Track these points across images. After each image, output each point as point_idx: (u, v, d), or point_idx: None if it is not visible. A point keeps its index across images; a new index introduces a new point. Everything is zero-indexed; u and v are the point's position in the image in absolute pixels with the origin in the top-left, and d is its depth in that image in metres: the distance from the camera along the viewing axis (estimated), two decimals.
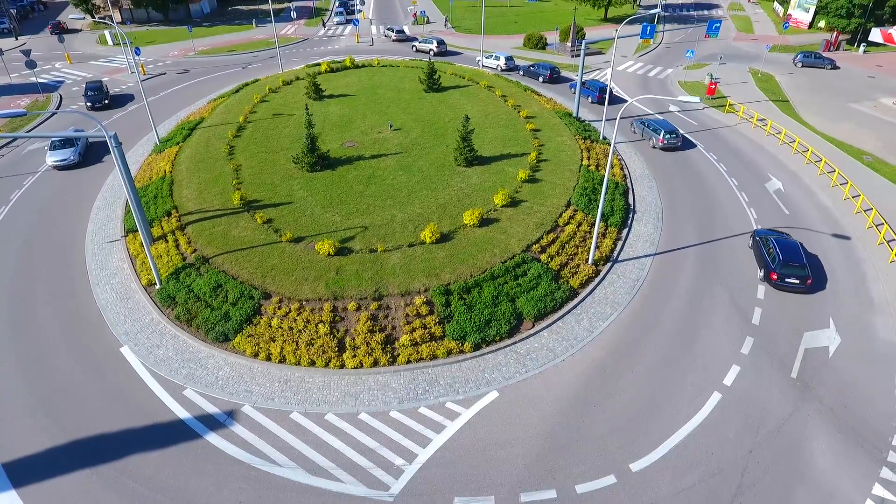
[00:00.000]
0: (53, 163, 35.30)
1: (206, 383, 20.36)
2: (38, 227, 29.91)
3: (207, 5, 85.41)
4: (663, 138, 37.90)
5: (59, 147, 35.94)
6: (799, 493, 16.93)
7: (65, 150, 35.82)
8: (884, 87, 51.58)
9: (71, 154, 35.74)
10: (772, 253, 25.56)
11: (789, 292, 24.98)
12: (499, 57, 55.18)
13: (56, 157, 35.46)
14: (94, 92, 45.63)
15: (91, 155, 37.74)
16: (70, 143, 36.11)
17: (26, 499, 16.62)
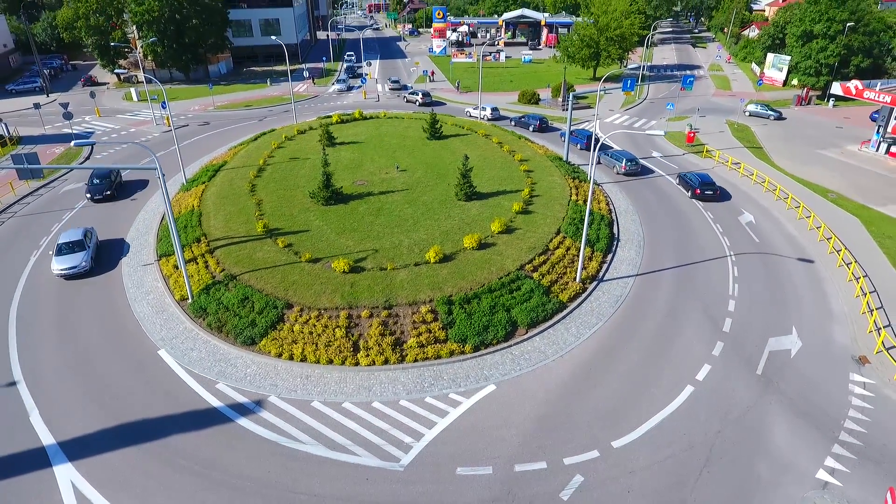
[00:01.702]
0: (61, 271, 29.66)
1: (236, 378, 22.92)
2: None
3: (224, 66, 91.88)
4: (625, 166, 44.35)
5: (66, 252, 30.54)
6: (760, 465, 19.26)
7: (74, 256, 30.41)
8: (850, 136, 55.98)
9: (83, 259, 30.38)
10: (693, 181, 40.30)
11: (707, 201, 39.25)
12: (485, 108, 61.06)
13: (63, 264, 29.88)
14: (99, 181, 40.76)
15: (122, 192, 41.37)
16: (80, 246, 30.91)
17: (80, 469, 18.93)
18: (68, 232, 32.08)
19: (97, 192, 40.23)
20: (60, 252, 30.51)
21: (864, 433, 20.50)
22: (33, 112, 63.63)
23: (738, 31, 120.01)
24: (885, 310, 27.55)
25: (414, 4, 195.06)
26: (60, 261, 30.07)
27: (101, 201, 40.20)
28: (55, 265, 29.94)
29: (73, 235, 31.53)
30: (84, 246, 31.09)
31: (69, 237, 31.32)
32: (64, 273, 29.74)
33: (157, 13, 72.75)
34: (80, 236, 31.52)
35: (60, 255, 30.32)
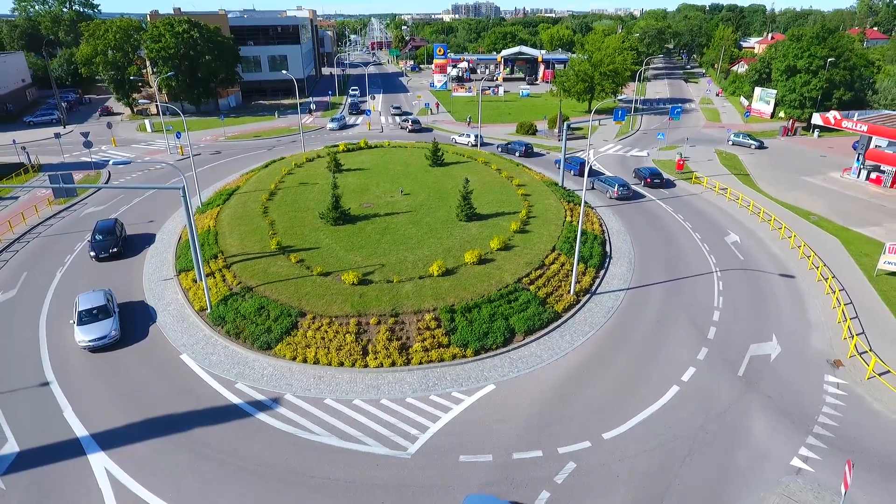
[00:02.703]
0: (88, 343, 26.02)
1: (254, 379, 24.66)
2: (100, 271, 34.99)
3: (234, 99, 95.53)
4: (617, 191, 46.94)
5: (89, 319, 26.84)
6: (739, 454, 20.87)
7: (101, 324, 26.75)
8: (833, 164, 58.58)
9: (111, 327, 26.82)
10: (644, 172, 50.03)
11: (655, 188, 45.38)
12: (469, 135, 65.75)
13: (90, 334, 26.16)
14: (103, 237, 36.05)
15: (143, 215, 43.61)
16: (104, 312, 27.38)
17: (113, 457, 20.54)
18: (86, 296, 28.51)
19: (102, 250, 35.54)
20: (83, 321, 26.64)
21: (837, 427, 22.15)
22: (52, 142, 66.66)
23: (728, 67, 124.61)
24: (859, 319, 29.41)
25: (415, 42, 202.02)
26: (86, 331, 26.24)
27: (106, 260, 35.81)
28: (80, 336, 26.10)
29: (94, 300, 28.01)
30: (109, 311, 27.48)
31: (90, 302, 27.76)
32: (91, 345, 26.09)
33: (172, 50, 76.41)
34: (102, 300, 28.02)
35: (84, 325, 26.46)
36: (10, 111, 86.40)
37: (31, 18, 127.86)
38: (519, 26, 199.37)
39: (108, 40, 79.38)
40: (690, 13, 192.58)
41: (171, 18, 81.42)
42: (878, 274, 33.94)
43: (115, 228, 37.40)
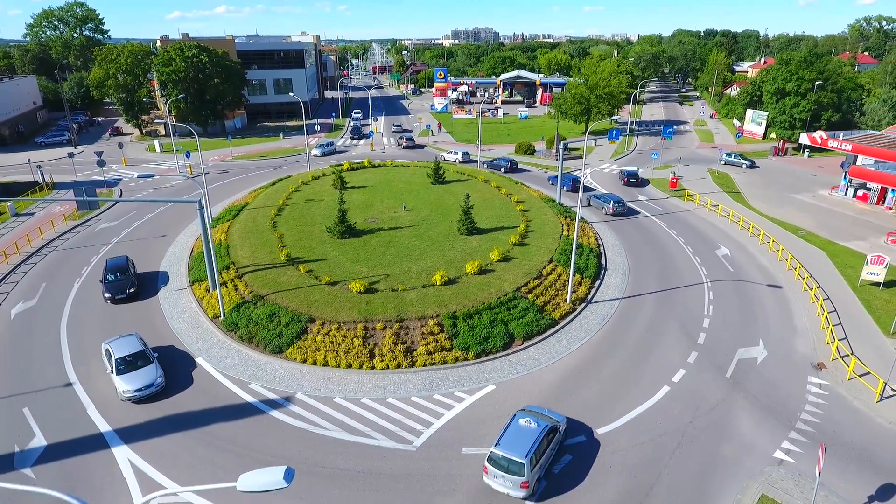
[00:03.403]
0: (134, 394, 24.00)
1: (267, 380, 26.01)
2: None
3: (240, 121, 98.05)
4: (612, 207, 48.83)
5: (128, 368, 24.79)
6: (725, 447, 22.16)
7: (144, 372, 24.73)
8: (822, 182, 60.50)
9: (155, 374, 24.88)
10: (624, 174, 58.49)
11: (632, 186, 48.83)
12: (457, 152, 69.72)
13: (134, 384, 24.18)
14: (115, 276, 33.65)
15: (156, 230, 45.28)
16: (143, 359, 25.39)
17: (135, 450, 21.83)
18: (118, 343, 26.18)
19: (118, 291, 32.84)
20: (121, 370, 24.65)
21: (818, 423, 23.47)
22: (64, 161, 68.89)
23: (722, 90, 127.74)
24: (842, 325, 30.86)
25: (416, 66, 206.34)
26: (129, 380, 24.20)
27: (123, 301, 32.75)
28: (124, 386, 24.00)
29: (128, 346, 25.88)
30: (148, 357, 25.56)
31: (124, 349, 25.54)
32: (137, 395, 24.02)
33: (182, 73, 78.99)
34: (137, 345, 26.01)
35: (124, 374, 24.49)
36: (21, 132, 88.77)
37: (43, 43, 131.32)
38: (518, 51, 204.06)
39: (120, 64, 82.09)
40: (685, 38, 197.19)
41: (181, 43, 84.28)
42: (861, 284, 35.46)
43: (128, 266, 35.18)
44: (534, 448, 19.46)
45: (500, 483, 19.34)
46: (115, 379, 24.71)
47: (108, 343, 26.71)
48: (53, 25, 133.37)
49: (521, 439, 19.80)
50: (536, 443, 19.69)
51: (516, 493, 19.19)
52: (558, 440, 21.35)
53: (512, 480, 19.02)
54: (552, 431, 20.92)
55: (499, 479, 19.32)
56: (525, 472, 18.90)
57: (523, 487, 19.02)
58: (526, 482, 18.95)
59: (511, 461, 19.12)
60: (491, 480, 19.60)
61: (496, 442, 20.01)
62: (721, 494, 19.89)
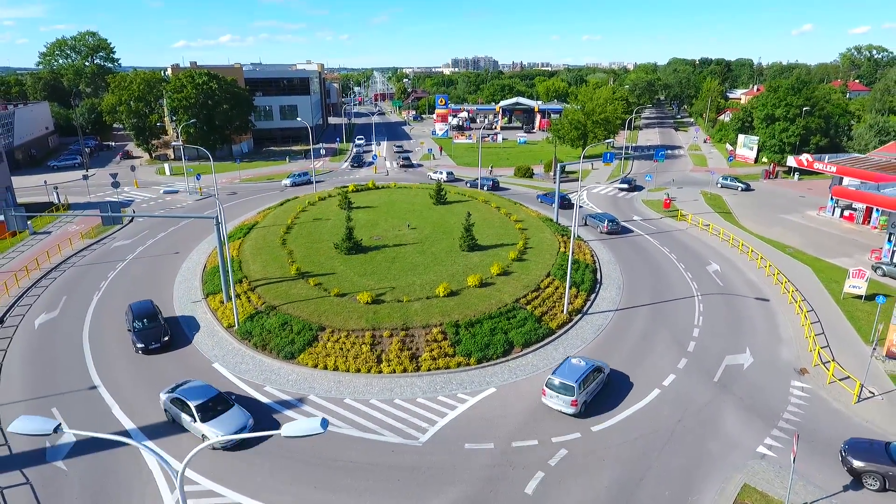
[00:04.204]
0: (230, 440, 22.30)
1: (280, 383, 27.58)
2: (134, 295, 38.17)
3: (246, 146, 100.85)
4: (607, 226, 51.13)
5: (214, 413, 23.52)
6: (711, 443, 23.66)
7: (231, 416, 23.70)
8: (811, 203, 62.63)
9: (244, 418, 23.88)
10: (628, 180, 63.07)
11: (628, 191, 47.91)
12: (441, 172, 74.81)
13: (226, 428, 23.00)
14: (144, 324, 30.86)
15: (169, 247, 47.16)
16: (223, 403, 24.25)
17: (160, 445, 23.32)
18: (189, 390, 24.55)
19: (152, 340, 30.06)
20: (206, 417, 23.33)
21: (799, 422, 24.98)
22: (77, 183, 71.27)
23: (715, 117, 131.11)
24: (825, 335, 32.53)
25: (417, 94, 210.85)
26: (219, 425, 23.01)
27: (157, 351, 30.04)
28: (214, 431, 22.67)
29: (201, 392, 24.40)
30: (227, 400, 24.53)
31: (200, 395, 24.17)
32: (234, 440, 22.53)
33: (193, 99, 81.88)
34: (211, 390, 24.67)
35: (210, 421, 23.21)
36: (34, 156, 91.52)
37: (55, 71, 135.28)
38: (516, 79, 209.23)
39: (133, 91, 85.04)
40: (680, 66, 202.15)
41: (191, 71, 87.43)
42: (844, 297, 37.19)
43: (156, 311, 32.28)
44: (582, 377, 25.00)
45: (555, 402, 25.03)
46: (200, 427, 22.95)
47: (172, 393, 24.62)
48: (66, 54, 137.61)
49: (572, 371, 25.44)
50: (584, 374, 25.22)
51: (567, 409, 24.82)
52: (602, 379, 26.81)
53: (564, 400, 24.70)
54: (597, 370, 26.47)
55: (554, 399, 25.01)
56: (575, 393, 24.49)
57: (573, 405, 24.62)
58: (575, 401, 24.54)
59: (565, 385, 24.75)
60: (548, 401, 25.30)
61: (552, 373, 25.79)
62: (706, 484, 21.35)
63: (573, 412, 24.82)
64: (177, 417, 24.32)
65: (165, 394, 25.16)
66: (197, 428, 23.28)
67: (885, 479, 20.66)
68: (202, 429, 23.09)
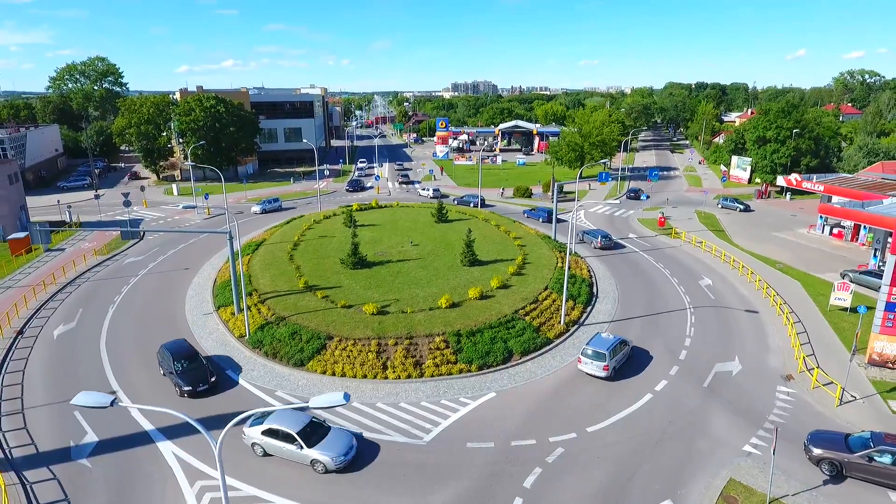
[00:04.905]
0: (341, 461, 22.80)
1: (291, 389, 28.97)
2: (147, 307, 39.79)
3: (252, 167, 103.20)
4: (600, 241, 53.10)
5: (315, 440, 23.34)
6: (700, 441, 24.99)
7: (334, 437, 23.74)
8: (802, 222, 64.41)
9: (348, 436, 24.09)
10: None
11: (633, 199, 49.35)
12: (428, 189, 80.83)
13: (335, 450, 22.98)
14: (187, 362, 29.24)
15: (179, 263, 48.81)
16: (321, 427, 24.27)
17: (177, 444, 24.66)
18: (279, 419, 24.08)
19: (199, 381, 28.45)
20: (313, 441, 23.27)
21: (784, 423, 26.29)
22: (87, 203, 73.29)
23: (710, 139, 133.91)
24: (811, 344, 33.97)
25: (418, 117, 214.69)
26: (329, 448, 23.06)
27: (203, 394, 28.30)
28: (327, 455, 22.72)
29: (297, 419, 24.18)
30: (324, 424, 24.72)
31: (297, 421, 24.03)
32: (345, 460, 22.95)
33: (201, 122, 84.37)
34: (304, 417, 24.50)
35: (319, 445, 23.14)
36: (43, 177, 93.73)
37: (64, 95, 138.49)
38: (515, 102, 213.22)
39: (143, 114, 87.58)
40: (675, 90, 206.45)
41: (200, 94, 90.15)
42: (830, 309, 38.71)
43: (195, 351, 30.59)
44: (612, 347, 29.90)
45: (590, 367, 29.77)
46: (310, 454, 22.78)
47: (261, 424, 24.09)
48: (75, 78, 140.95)
49: (603, 342, 30.37)
50: (613, 345, 30.13)
51: (600, 373, 29.49)
52: (627, 352, 31.59)
53: (597, 365, 29.49)
54: (623, 343, 31.42)
55: (588, 365, 29.77)
56: (607, 360, 29.32)
57: (605, 370, 29.39)
58: (607, 366, 29.34)
59: (597, 353, 29.59)
60: (583, 367, 30.04)
61: (586, 344, 30.57)
62: (694, 479, 22.64)
63: (605, 375, 29.43)
64: (273, 449, 23.50)
65: (252, 427, 24.05)
66: (306, 455, 22.74)
67: (841, 465, 22.42)
68: (313, 455, 22.66)
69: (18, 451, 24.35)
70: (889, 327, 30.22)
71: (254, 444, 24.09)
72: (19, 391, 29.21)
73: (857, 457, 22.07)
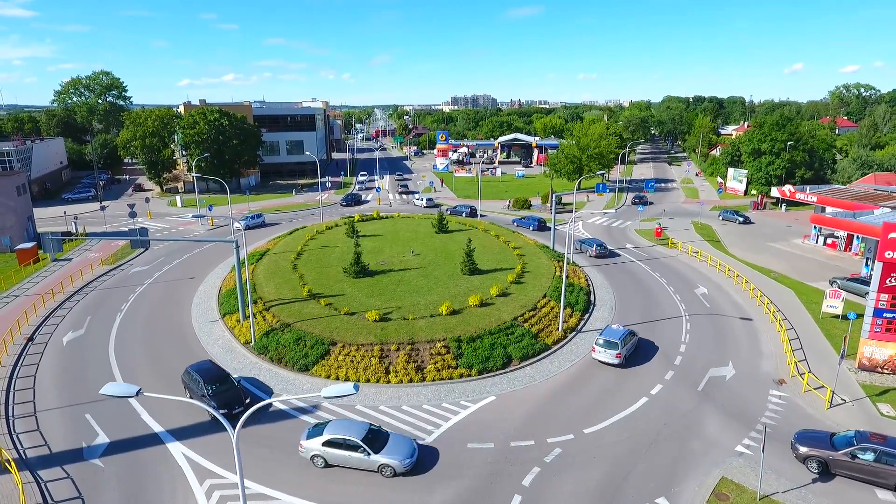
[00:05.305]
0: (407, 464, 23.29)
1: (295, 392, 29.74)
2: (154, 315, 40.63)
3: (254, 179, 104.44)
4: (595, 250, 54.69)
5: (378, 446, 23.58)
6: (694, 442, 25.75)
7: (395, 444, 24.08)
8: (796, 232, 65.44)
9: (409, 441, 24.59)
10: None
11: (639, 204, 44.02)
12: (422, 199, 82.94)
13: (400, 455, 23.37)
14: (218, 384, 28.14)
15: (184, 273, 49.72)
16: (378, 433, 24.52)
17: (187, 445, 25.41)
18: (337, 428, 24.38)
19: (236, 403, 27.56)
20: (378, 448, 23.57)
21: (775, 425, 27.07)
22: (92, 214, 74.35)
23: (707, 151, 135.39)
24: (803, 350, 34.80)
25: (418, 130, 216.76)
26: (394, 453, 23.40)
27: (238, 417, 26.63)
28: (394, 460, 23.12)
29: (355, 427, 24.52)
30: (385, 431, 25.02)
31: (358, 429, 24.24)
32: (411, 462, 23.50)
33: (205, 135, 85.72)
34: (364, 426, 24.63)
35: (384, 451, 23.48)
36: (48, 189, 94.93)
37: (69, 108, 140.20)
38: (515, 116, 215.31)
39: (147, 127, 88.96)
40: (673, 104, 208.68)
41: (204, 108, 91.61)
42: (822, 316, 39.58)
43: (225, 372, 29.54)
44: (623, 336, 33.02)
45: (603, 355, 32.56)
46: (379, 459, 23.16)
47: (320, 436, 24.01)
48: (80, 92, 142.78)
49: (614, 332, 33.44)
50: (624, 334, 33.31)
51: (613, 360, 32.30)
52: (635, 342, 34.55)
53: (610, 353, 32.36)
54: (632, 334, 34.60)
55: (602, 353, 32.61)
56: (619, 348, 32.26)
57: (618, 357, 32.23)
58: (619, 353, 32.23)
59: (609, 342, 32.56)
60: (597, 355, 32.82)
61: (599, 335, 33.54)
62: (688, 477, 23.39)
63: (618, 363, 32.33)
64: (338, 459, 23.63)
65: (311, 440, 23.99)
66: (373, 461, 23.17)
67: (826, 463, 23.27)
68: (381, 460, 23.10)
69: (32, 452, 25.10)
70: (877, 332, 31.10)
71: (314, 456, 23.90)
72: (31, 395, 29.99)
73: (841, 454, 22.87)
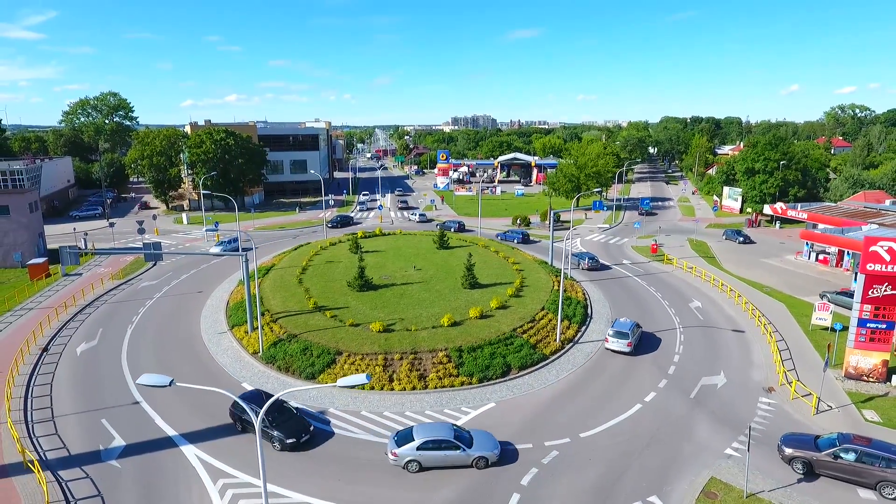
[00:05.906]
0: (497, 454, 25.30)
1: (304, 400, 30.93)
2: (164, 327, 41.91)
3: (258, 197, 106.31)
4: (587, 263, 57.35)
5: (469, 444, 25.27)
6: (685, 445, 26.88)
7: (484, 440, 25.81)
8: (790, 248, 66.95)
9: (490, 436, 26.32)
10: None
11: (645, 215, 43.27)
12: (415, 213, 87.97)
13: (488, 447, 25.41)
14: (277, 413, 27.09)
15: (193, 287, 51.07)
16: (466, 433, 26.17)
17: (200, 448, 26.54)
18: (425, 432, 25.60)
19: (302, 432, 26.78)
20: (470, 445, 25.33)
21: (763, 430, 28.21)
22: (101, 231, 75.77)
23: (704, 171, 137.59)
24: (793, 360, 36.06)
25: (418, 150, 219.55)
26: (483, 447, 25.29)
27: (303, 447, 26.50)
28: (489, 453, 25.12)
29: (442, 429, 25.98)
30: (465, 428, 26.89)
31: (444, 432, 25.66)
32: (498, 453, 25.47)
33: (211, 154, 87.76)
34: (450, 428, 26.06)
35: (474, 447, 25.23)
36: (56, 207, 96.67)
37: (76, 128, 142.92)
38: (514, 136, 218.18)
39: (155, 146, 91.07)
40: (670, 124, 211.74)
41: (210, 128, 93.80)
42: (812, 328, 40.85)
43: (280, 400, 27.83)
44: (632, 327, 37.43)
45: (616, 345, 36.63)
46: (473, 452, 24.99)
47: (413, 440, 25.10)
48: (87, 112, 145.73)
49: (624, 324, 37.98)
50: (632, 326, 37.80)
51: (625, 349, 36.38)
52: (640, 334, 38.44)
53: (622, 343, 36.49)
54: (638, 326, 38.76)
55: (615, 343, 36.65)
56: (630, 337, 36.50)
57: (629, 346, 36.35)
58: (630, 342, 36.37)
59: (620, 332, 36.86)
60: (610, 345, 36.88)
61: (610, 327, 38.31)
62: (679, 478, 24.50)
63: (629, 350, 36.31)
64: (435, 460, 24.89)
65: (404, 447, 24.92)
66: (469, 456, 24.89)
67: (810, 464, 24.45)
68: (476, 454, 24.92)
69: (52, 454, 26.22)
70: (862, 342, 32.38)
71: (409, 461, 24.79)
72: (48, 402, 31.15)
73: (824, 455, 24.03)
